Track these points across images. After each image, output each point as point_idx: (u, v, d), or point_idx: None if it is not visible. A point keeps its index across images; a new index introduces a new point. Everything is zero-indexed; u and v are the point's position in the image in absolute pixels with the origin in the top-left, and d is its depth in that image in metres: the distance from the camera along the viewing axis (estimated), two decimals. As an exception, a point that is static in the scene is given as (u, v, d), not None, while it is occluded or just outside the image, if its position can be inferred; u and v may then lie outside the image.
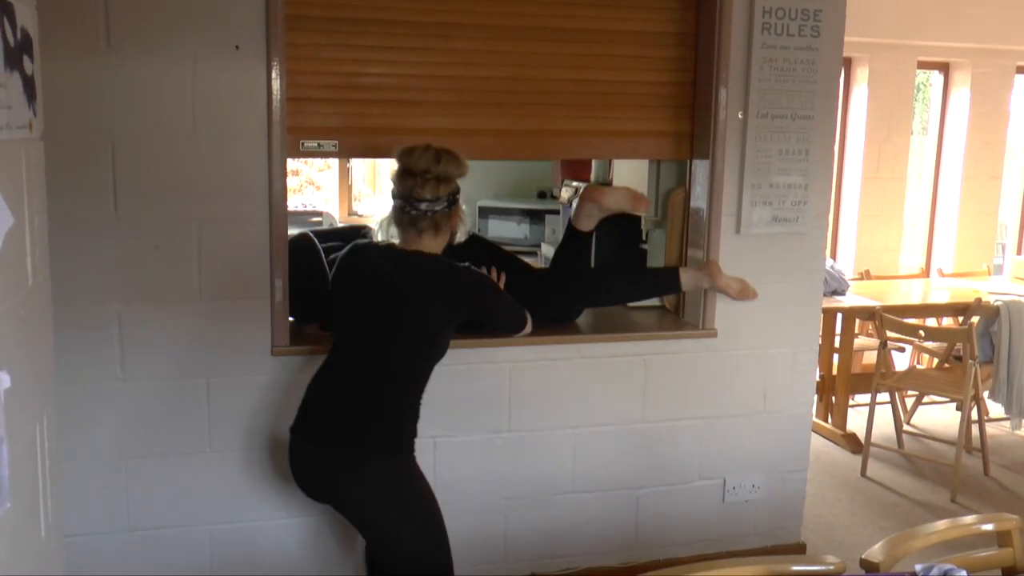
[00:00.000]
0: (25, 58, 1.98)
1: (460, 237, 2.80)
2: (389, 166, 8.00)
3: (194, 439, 3.03)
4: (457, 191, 2.71)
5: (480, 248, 3.26)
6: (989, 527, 2.12)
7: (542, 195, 5.91)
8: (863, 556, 1.96)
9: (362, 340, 2.64)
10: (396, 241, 2.72)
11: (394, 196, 2.70)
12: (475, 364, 3.26)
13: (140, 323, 2.92)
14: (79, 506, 2.93)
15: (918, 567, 1.87)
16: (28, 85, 2.01)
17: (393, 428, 2.61)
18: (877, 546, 2.00)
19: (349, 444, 2.56)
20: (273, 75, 2.89)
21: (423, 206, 2.62)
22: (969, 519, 2.20)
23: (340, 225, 5.65)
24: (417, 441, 2.69)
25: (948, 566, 1.84)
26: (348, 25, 3.07)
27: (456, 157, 2.69)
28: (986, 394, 5.05)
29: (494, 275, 3.09)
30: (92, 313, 2.87)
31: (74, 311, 2.83)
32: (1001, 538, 2.11)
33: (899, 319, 4.85)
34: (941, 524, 2.20)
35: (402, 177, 2.66)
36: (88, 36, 2.74)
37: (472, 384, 3.28)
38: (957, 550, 2.09)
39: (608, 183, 4.20)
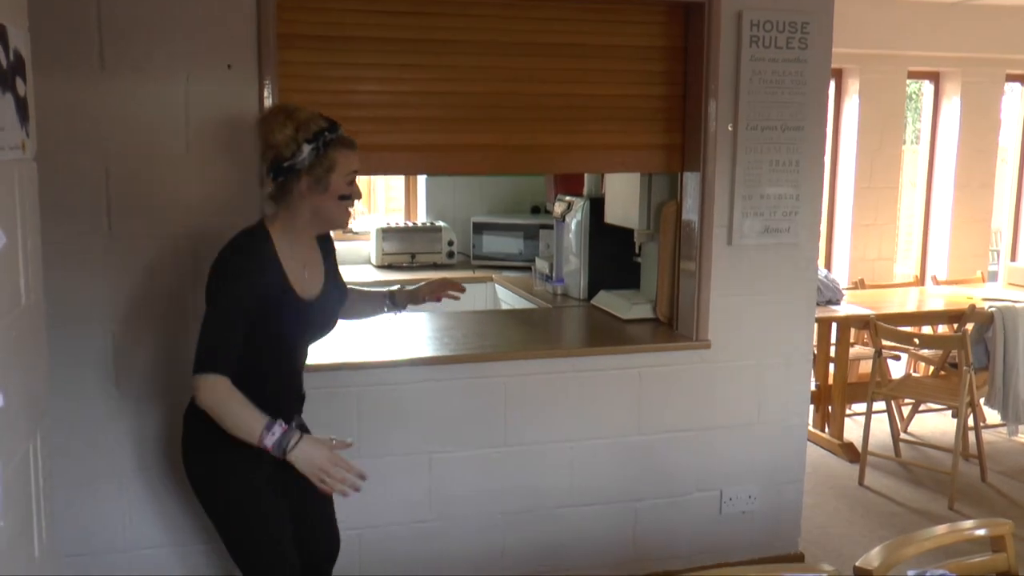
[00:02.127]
0: (18, 79, 1.99)
1: (338, 212, 2.48)
2: (384, 184, 8.00)
3: (190, 457, 3.03)
4: (286, 160, 2.36)
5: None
6: (982, 532, 2.13)
7: (535, 210, 5.93)
8: (857, 563, 1.96)
9: None
10: None
11: None
12: (469, 379, 3.27)
13: (134, 343, 2.93)
14: (77, 526, 2.93)
15: (910, 573, 1.87)
16: (21, 106, 2.02)
17: (197, 420, 2.41)
18: (872, 553, 2.00)
19: (184, 430, 2.54)
20: (265, 93, 2.91)
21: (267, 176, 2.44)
22: (963, 525, 2.20)
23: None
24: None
25: (940, 571, 1.84)
26: (340, 43, 3.09)
27: (281, 118, 2.37)
28: (982, 401, 5.06)
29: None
30: (86, 333, 2.88)
31: (68, 331, 2.83)
32: (995, 543, 2.11)
33: (894, 327, 4.86)
34: (935, 530, 2.20)
35: None
36: (81, 57, 2.76)
37: (467, 399, 3.29)
38: (952, 556, 2.10)
39: (601, 197, 4.22)
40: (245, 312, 2.35)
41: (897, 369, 6.02)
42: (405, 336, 3.52)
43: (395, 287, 3.01)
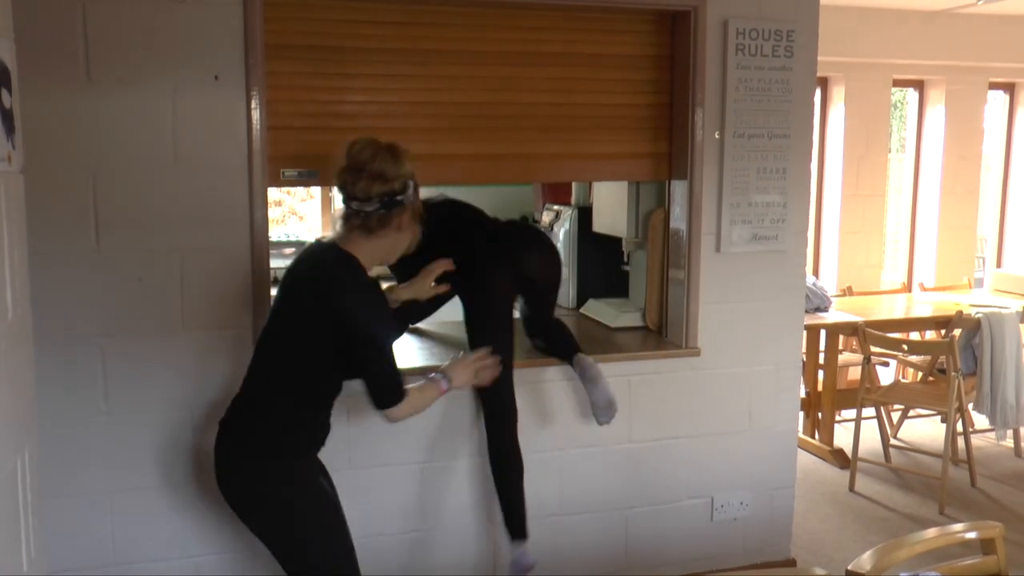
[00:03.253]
0: (3, 91, 1.99)
1: (405, 247, 2.62)
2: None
3: (179, 471, 3.01)
4: (397, 193, 2.48)
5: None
6: (972, 536, 2.14)
7: (524, 219, 5.92)
8: (849, 567, 1.96)
9: (261, 334, 2.61)
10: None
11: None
12: (459, 388, 3.25)
13: (123, 356, 2.91)
14: (64, 541, 2.91)
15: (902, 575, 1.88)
16: (7, 118, 2.02)
17: (270, 430, 2.50)
18: (863, 557, 2.00)
19: (234, 444, 2.53)
20: (253, 104, 2.91)
21: (354, 204, 2.47)
22: (954, 528, 2.21)
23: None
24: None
25: (931, 574, 1.84)
26: (327, 53, 3.09)
27: (394, 154, 2.50)
28: (970, 406, 5.08)
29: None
30: (74, 346, 2.86)
31: (56, 344, 2.82)
32: (985, 546, 2.12)
33: (882, 334, 4.88)
34: (926, 534, 2.20)
35: (343, 171, 2.51)
36: (68, 68, 2.75)
37: (456, 409, 3.28)
38: (943, 559, 2.10)
39: (589, 206, 4.23)
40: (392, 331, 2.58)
41: (886, 375, 6.04)
42: (394, 346, 3.51)
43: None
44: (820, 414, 5.43)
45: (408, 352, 3.48)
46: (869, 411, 5.12)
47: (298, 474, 2.54)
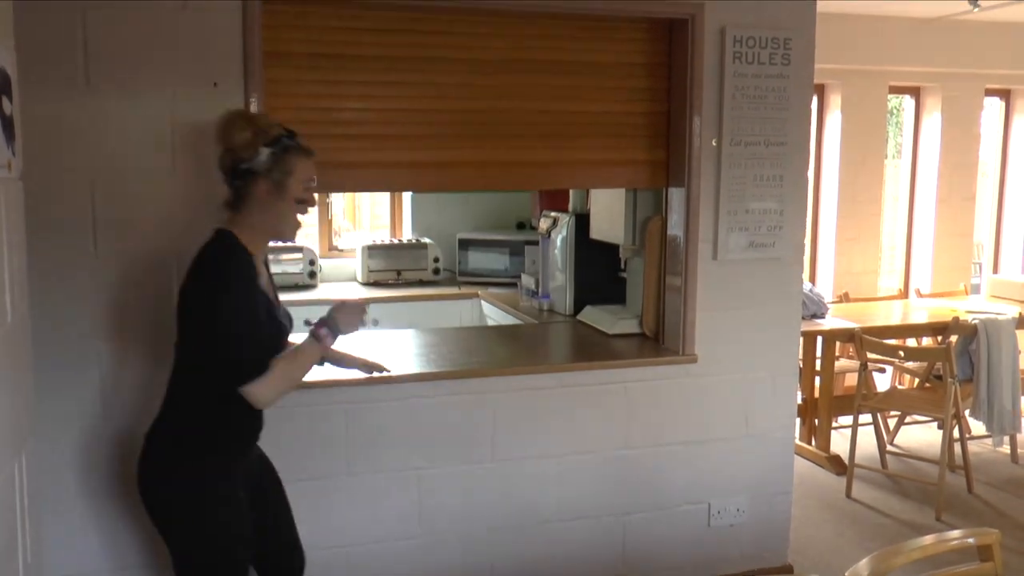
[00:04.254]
0: (3, 98, 2.00)
1: (291, 217, 2.46)
2: (369, 201, 7.99)
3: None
4: (244, 162, 2.36)
5: None
6: (970, 542, 2.14)
7: (521, 226, 5.95)
8: (846, 574, 1.96)
9: None
10: None
11: None
12: (457, 395, 3.26)
13: (121, 361, 2.91)
14: (64, 545, 2.91)
15: (899, 583, 1.88)
16: (7, 125, 2.03)
17: (173, 432, 2.42)
18: (860, 564, 2.00)
19: (148, 440, 2.45)
20: (251, 111, 2.91)
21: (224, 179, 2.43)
22: (951, 534, 2.21)
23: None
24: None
25: (928, 581, 1.85)
26: (326, 61, 3.10)
27: (233, 122, 2.39)
28: (967, 412, 5.09)
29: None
30: (73, 351, 2.86)
31: (55, 349, 2.82)
32: (982, 552, 2.12)
33: (879, 340, 4.88)
34: (923, 540, 2.21)
35: None
36: (67, 75, 2.76)
37: (454, 415, 3.28)
38: (939, 566, 2.10)
39: (586, 213, 4.24)
40: (256, 310, 2.35)
41: (883, 382, 6.05)
42: (392, 353, 3.52)
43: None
44: (817, 420, 5.43)
45: (407, 356, 3.49)
46: (866, 417, 5.12)
47: (205, 478, 2.42)
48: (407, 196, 6.14)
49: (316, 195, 2.56)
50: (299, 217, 2.50)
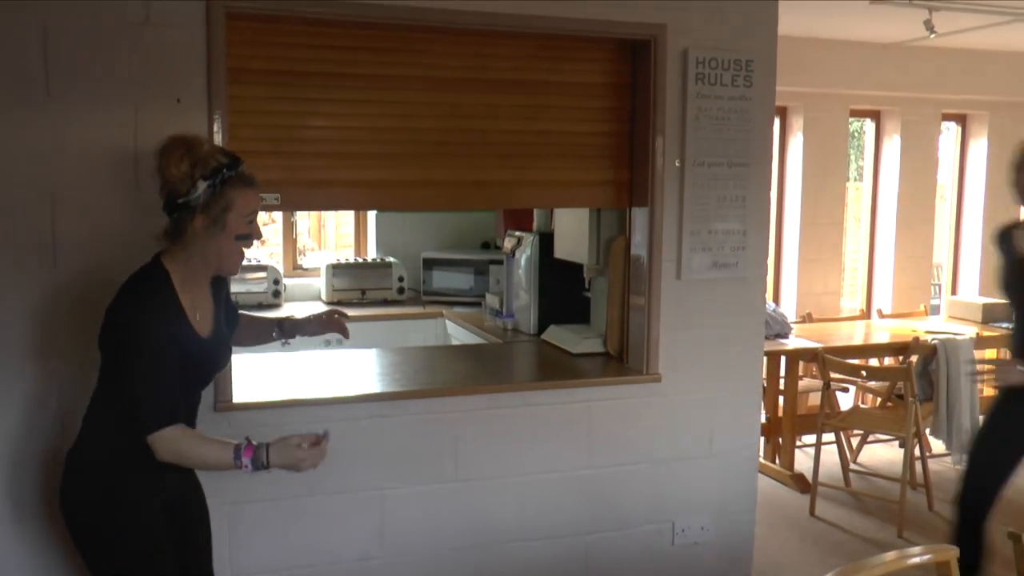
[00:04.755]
0: (-42, 113, 1.97)
1: (231, 252, 2.36)
2: (334, 219, 7.98)
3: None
4: (179, 196, 2.25)
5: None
6: (929, 558, 2.16)
7: (486, 246, 5.95)
8: (807, 591, 1.98)
9: None
10: None
11: None
12: (419, 414, 3.25)
13: (80, 382, 2.86)
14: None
15: (859, 600, 1.89)
16: (-38, 140, 2.00)
17: (91, 454, 2.37)
18: (822, 581, 2.02)
19: (67, 458, 2.41)
20: (215, 128, 2.89)
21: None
22: (910, 551, 2.23)
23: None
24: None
25: (888, 597, 1.86)
26: (290, 78, 3.09)
27: (169, 152, 2.26)
28: (928, 431, 5.15)
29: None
30: (29, 372, 2.81)
31: (10, 370, 2.77)
32: (940, 569, 2.15)
33: (841, 360, 4.94)
34: (884, 557, 2.22)
35: None
36: (27, 86, 2.72)
37: (417, 434, 3.26)
38: (899, 582, 2.12)
39: (550, 232, 4.26)
40: (168, 353, 2.25)
41: (845, 401, 6.11)
42: (354, 372, 3.50)
43: (283, 316, 2.95)
44: (780, 439, 5.47)
45: (366, 376, 3.47)
46: (829, 436, 5.17)
47: (122, 500, 2.35)
48: (372, 215, 6.13)
49: (261, 227, 2.45)
50: (245, 250, 2.41)
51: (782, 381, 5.46)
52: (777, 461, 5.49)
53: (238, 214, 2.30)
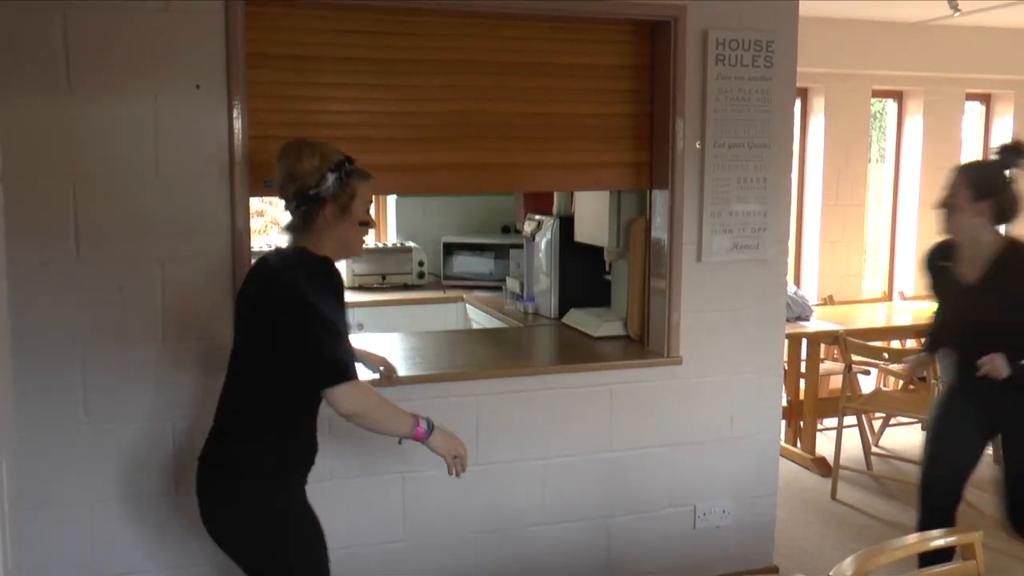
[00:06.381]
0: (-19, 100, 1.98)
1: (357, 238, 2.54)
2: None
3: (159, 482, 2.99)
4: (310, 188, 2.41)
5: None
6: (950, 540, 2.15)
7: (506, 230, 5.94)
8: (831, 572, 1.97)
9: (231, 355, 2.56)
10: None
11: None
12: (441, 398, 3.25)
13: (103, 366, 2.89)
14: (44, 551, 2.88)
15: (882, 581, 1.89)
16: (-15, 127, 2.01)
17: (249, 452, 2.46)
18: (844, 563, 2.02)
19: (215, 465, 2.49)
20: (234, 114, 2.91)
21: (285, 205, 2.51)
22: (933, 534, 2.23)
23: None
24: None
25: (911, 579, 1.85)
26: (309, 63, 3.10)
27: (299, 151, 2.44)
28: (950, 414, 5.10)
29: None
30: (54, 356, 2.84)
31: (35, 354, 2.80)
32: (964, 551, 2.14)
33: (863, 342, 4.90)
34: (906, 539, 2.22)
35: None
36: (48, 76, 2.74)
37: (437, 418, 3.24)
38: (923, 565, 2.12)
39: (570, 216, 4.25)
40: (344, 316, 2.40)
41: (867, 384, 6.07)
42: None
43: None
44: (802, 422, 5.45)
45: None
46: (851, 419, 5.14)
47: (286, 497, 2.50)
48: (392, 200, 6.13)
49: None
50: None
51: (803, 364, 5.43)
52: (798, 444, 5.46)
53: (361, 202, 2.50)
